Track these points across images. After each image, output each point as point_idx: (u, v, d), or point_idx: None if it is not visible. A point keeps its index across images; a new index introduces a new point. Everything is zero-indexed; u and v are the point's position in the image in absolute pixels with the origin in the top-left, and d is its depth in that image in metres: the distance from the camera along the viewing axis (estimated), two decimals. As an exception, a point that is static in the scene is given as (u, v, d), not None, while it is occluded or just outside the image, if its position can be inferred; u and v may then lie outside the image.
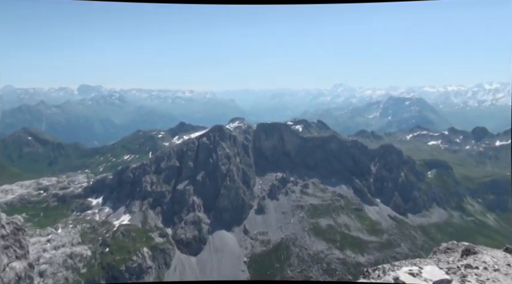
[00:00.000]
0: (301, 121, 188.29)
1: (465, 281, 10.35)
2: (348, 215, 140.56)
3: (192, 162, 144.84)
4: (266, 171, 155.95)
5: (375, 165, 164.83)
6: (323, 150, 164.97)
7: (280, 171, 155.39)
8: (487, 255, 16.03)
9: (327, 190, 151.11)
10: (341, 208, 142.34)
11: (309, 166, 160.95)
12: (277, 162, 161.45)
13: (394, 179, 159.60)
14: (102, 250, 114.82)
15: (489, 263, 13.80)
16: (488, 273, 12.28)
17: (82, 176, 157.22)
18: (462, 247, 18.47)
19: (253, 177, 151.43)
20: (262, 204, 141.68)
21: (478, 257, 15.40)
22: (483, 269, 12.73)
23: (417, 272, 8.97)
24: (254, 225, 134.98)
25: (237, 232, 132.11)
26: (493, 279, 11.26)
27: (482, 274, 11.88)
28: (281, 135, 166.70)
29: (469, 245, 18.41)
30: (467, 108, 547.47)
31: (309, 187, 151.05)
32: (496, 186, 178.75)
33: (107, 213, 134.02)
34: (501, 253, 17.52)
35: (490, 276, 11.75)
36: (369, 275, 15.89)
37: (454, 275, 11.11)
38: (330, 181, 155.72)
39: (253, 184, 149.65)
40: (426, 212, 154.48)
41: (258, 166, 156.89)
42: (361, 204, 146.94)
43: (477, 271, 12.31)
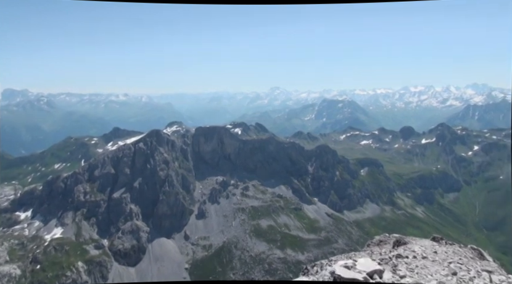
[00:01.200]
0: (240, 124, 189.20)
1: (396, 270, 10.77)
2: (288, 214, 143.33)
3: (129, 169, 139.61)
4: (206, 175, 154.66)
5: (312, 165, 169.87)
6: (262, 152, 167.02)
7: (220, 174, 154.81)
8: (416, 244, 16.96)
9: (267, 191, 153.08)
10: (281, 209, 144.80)
11: (249, 168, 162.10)
12: (217, 165, 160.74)
13: (330, 178, 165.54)
14: (33, 267, 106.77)
15: (418, 252, 14.56)
16: (417, 261, 12.92)
17: (8, 189, 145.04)
18: (393, 239, 19.41)
19: (193, 182, 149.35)
20: (203, 208, 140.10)
21: (408, 247, 16.23)
22: (413, 258, 13.39)
23: (352, 265, 9.14)
24: (195, 230, 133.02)
25: (177, 239, 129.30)
26: (422, 267, 11.85)
27: (412, 262, 12.46)
28: (220, 138, 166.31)
29: (400, 236, 19.39)
30: (395, 109, 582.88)
31: (250, 189, 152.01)
32: (423, 180, 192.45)
33: (37, 227, 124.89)
34: (428, 242, 18.64)
35: (419, 263, 12.35)
36: (308, 272, 16.10)
37: (386, 265, 11.52)
38: (270, 183, 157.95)
39: (193, 188, 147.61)
40: (360, 208, 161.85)
41: (197, 170, 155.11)
42: (299, 203, 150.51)
43: (407, 260, 12.90)
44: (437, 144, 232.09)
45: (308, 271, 16.03)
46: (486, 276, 11.90)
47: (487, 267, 14.39)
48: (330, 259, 17.10)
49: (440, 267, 12.28)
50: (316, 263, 17.12)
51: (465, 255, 16.51)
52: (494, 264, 17.46)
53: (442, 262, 13.12)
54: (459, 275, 11.31)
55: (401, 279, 9.53)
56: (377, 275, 9.05)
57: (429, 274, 10.92)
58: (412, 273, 10.83)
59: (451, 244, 18.70)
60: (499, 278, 11.94)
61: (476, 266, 13.98)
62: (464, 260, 14.53)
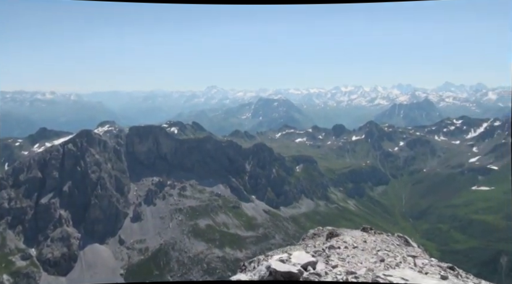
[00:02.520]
0: (176, 123, 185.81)
1: (329, 260, 11.07)
2: (226, 213, 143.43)
3: (57, 172, 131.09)
4: (141, 176, 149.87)
5: (250, 163, 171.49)
6: (199, 151, 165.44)
7: (156, 175, 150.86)
8: (348, 235, 17.65)
9: (205, 191, 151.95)
10: (219, 208, 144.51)
11: (186, 168, 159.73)
12: (152, 165, 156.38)
13: (267, 175, 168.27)
14: None
15: (349, 242, 15.15)
16: (348, 250, 13.42)
17: None
18: (326, 231, 20.05)
19: (127, 183, 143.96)
20: (138, 210, 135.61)
21: (340, 238, 16.83)
22: (344, 248, 13.89)
23: (287, 258, 9.22)
24: (130, 233, 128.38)
25: (111, 243, 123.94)
26: (352, 256, 12.32)
27: (343, 252, 12.91)
28: (156, 138, 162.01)
29: (333, 229, 20.09)
30: (328, 108, 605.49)
31: (187, 189, 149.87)
32: (354, 175, 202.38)
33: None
34: (359, 232, 19.51)
35: (350, 253, 12.84)
36: (245, 268, 16.11)
37: (319, 257, 11.82)
38: (208, 182, 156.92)
39: (128, 190, 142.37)
40: (296, 204, 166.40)
41: (132, 171, 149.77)
42: (238, 201, 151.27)
43: (339, 250, 13.36)
44: (366, 141, 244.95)
45: (246, 268, 16.05)
46: (411, 260, 12.68)
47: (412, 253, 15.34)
48: (267, 254, 17.25)
49: (369, 255, 12.87)
50: (253, 259, 17.19)
51: (392, 243, 17.49)
52: (418, 250, 18.68)
53: (371, 251, 13.77)
54: (387, 261, 11.90)
55: (334, 268, 9.79)
56: (310, 266, 9.20)
57: (359, 262, 11.36)
58: (344, 262, 11.20)
59: (379, 233, 19.72)
60: (423, 262, 12.82)
61: (402, 252, 14.85)
62: (391, 248, 15.38)
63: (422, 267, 12.04)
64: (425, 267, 12.13)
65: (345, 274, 9.16)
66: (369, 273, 9.44)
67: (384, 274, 8.81)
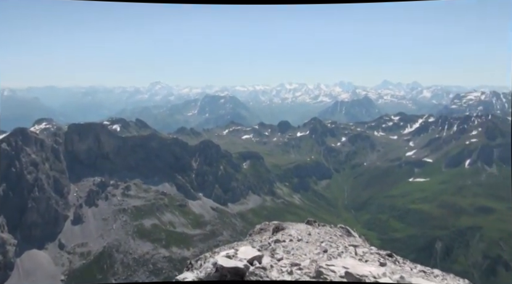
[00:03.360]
0: (119, 120, 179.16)
1: (274, 253, 11.25)
2: (173, 212, 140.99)
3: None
4: (82, 176, 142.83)
5: (196, 161, 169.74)
6: (144, 149, 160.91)
7: (98, 175, 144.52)
8: (293, 229, 18.05)
9: (150, 190, 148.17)
10: (165, 206, 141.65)
11: (130, 167, 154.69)
12: (94, 165, 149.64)
13: (214, 172, 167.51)
14: None
15: (294, 235, 15.52)
16: (293, 243, 13.74)
17: None
18: (272, 226, 20.39)
19: (67, 184, 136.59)
20: (79, 212, 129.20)
21: (286, 232, 17.19)
22: (290, 241, 14.21)
23: (233, 254, 9.23)
24: (71, 237, 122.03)
25: (51, 249, 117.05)
26: (297, 248, 12.63)
27: (288, 245, 13.19)
28: (97, 136, 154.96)
29: (278, 223, 20.45)
30: (273, 105, 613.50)
31: (132, 188, 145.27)
32: (299, 170, 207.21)
33: None
34: (303, 226, 20.02)
35: (295, 245, 13.15)
36: (192, 266, 15.97)
37: (265, 251, 11.98)
38: (153, 181, 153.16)
39: (68, 192, 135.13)
40: (244, 200, 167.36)
41: (72, 171, 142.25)
42: (184, 199, 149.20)
43: (284, 243, 13.63)
44: (310, 137, 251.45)
45: (192, 266, 15.92)
46: (352, 250, 13.25)
47: (353, 242, 16.03)
48: (214, 251, 17.23)
49: (313, 246, 13.27)
50: (200, 257, 17.10)
51: (335, 234, 18.14)
52: (359, 239, 19.55)
53: (315, 242, 14.20)
54: (330, 251, 12.35)
55: (279, 261, 9.96)
56: (256, 260, 9.28)
57: (303, 254, 11.67)
58: (289, 254, 11.44)
59: (323, 225, 20.38)
60: (363, 250, 13.45)
61: (344, 242, 15.47)
62: (334, 238, 15.96)
63: (362, 255, 12.60)
64: (365, 255, 12.70)
65: (289, 266, 9.35)
66: (312, 264, 9.71)
67: (327, 264, 9.10)
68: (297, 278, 8.37)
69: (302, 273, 8.86)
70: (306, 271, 8.99)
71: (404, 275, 7.83)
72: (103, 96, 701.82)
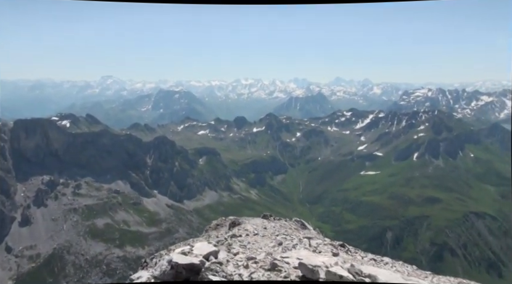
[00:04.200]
0: (69, 116, 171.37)
1: (230, 248, 11.30)
2: (127, 210, 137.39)
3: None
4: (30, 175, 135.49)
5: (151, 157, 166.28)
6: (95, 146, 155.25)
7: (47, 173, 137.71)
8: (249, 224, 18.18)
9: (103, 188, 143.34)
10: (118, 205, 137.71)
11: (80, 164, 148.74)
12: (42, 163, 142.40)
13: (169, 169, 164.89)
14: None
15: (250, 230, 15.64)
16: (249, 237, 13.86)
17: None
18: (229, 221, 20.44)
19: (13, 184, 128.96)
20: (27, 213, 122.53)
21: (242, 227, 17.28)
22: (246, 235, 14.31)
23: (189, 250, 9.17)
24: (18, 239, 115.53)
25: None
26: (253, 242, 12.76)
27: (245, 240, 13.29)
28: (45, 132, 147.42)
29: (235, 218, 20.53)
30: (229, 100, 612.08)
31: (83, 187, 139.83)
32: (256, 165, 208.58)
33: None
34: (260, 220, 20.23)
35: (251, 240, 13.27)
36: (147, 265, 15.69)
37: (222, 246, 11.99)
38: (105, 178, 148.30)
39: (14, 192, 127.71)
40: (200, 196, 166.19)
41: (18, 170, 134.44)
42: (139, 197, 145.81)
43: (241, 238, 13.72)
44: (266, 132, 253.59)
45: (147, 264, 15.64)
46: (306, 242, 13.58)
47: (307, 235, 16.42)
48: (169, 249, 17.02)
49: (269, 240, 13.47)
50: (155, 255, 16.82)
51: (290, 227, 18.50)
52: (314, 232, 20.05)
53: (271, 236, 14.42)
54: (284, 244, 12.59)
55: (235, 256, 10.01)
56: (212, 256, 9.27)
57: (259, 248, 11.81)
58: (245, 249, 11.53)
59: (278, 219, 20.71)
60: (317, 242, 13.84)
61: (299, 235, 15.81)
62: (289, 232, 16.27)
63: (316, 247, 12.95)
64: (319, 247, 13.07)
65: (245, 260, 9.42)
66: (268, 256, 9.85)
67: (281, 256, 9.27)
68: (252, 272, 8.45)
69: (258, 266, 8.95)
70: (262, 264, 9.10)
71: (355, 264, 8.13)
72: (51, 90, 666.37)
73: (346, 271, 7.34)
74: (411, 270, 13.44)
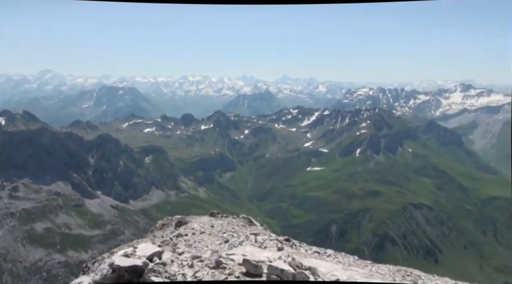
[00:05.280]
0: (4, 113, 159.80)
1: (176, 248, 11.20)
2: (68, 213, 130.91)
3: None
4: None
5: (94, 157, 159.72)
6: (33, 145, 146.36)
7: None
8: (196, 222, 18.07)
9: (42, 190, 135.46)
10: (59, 208, 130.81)
11: (17, 165, 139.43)
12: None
13: (113, 168, 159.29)
14: None
15: (197, 229, 15.55)
16: (196, 236, 13.78)
17: None
18: (175, 220, 20.17)
19: None
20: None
21: (189, 226, 17.13)
22: (192, 234, 14.21)
23: (132, 252, 8.96)
24: None
25: None
26: (199, 241, 12.72)
27: (191, 239, 13.20)
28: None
29: (181, 217, 20.29)
30: (176, 97, 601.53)
31: (20, 189, 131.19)
32: (204, 163, 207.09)
33: None
34: (207, 218, 20.16)
35: (197, 238, 13.20)
36: (88, 269, 15.10)
37: (167, 246, 11.84)
38: (45, 180, 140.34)
39: None
40: (146, 196, 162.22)
41: None
42: (81, 199, 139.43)
43: (187, 237, 13.61)
44: (214, 130, 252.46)
45: (89, 269, 15.05)
46: (253, 238, 13.77)
47: (254, 231, 16.63)
48: (111, 251, 16.47)
49: (216, 238, 13.49)
50: (97, 258, 16.21)
51: (237, 224, 18.60)
52: (260, 228, 20.29)
53: (217, 234, 14.44)
54: (231, 241, 12.68)
55: (180, 255, 9.93)
56: (156, 256, 9.14)
57: (205, 246, 11.79)
58: (191, 248, 11.47)
59: (226, 216, 20.75)
60: (263, 238, 14.09)
61: (246, 232, 15.96)
62: (236, 229, 16.38)
63: (262, 242, 13.18)
64: (265, 242, 13.31)
65: (190, 259, 9.38)
66: (213, 254, 9.88)
67: (227, 253, 9.33)
68: (197, 270, 8.44)
69: (203, 264, 8.95)
70: (207, 262, 9.11)
71: (296, 257, 8.38)
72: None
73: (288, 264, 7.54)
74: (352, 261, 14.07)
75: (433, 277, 13.39)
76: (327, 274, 7.86)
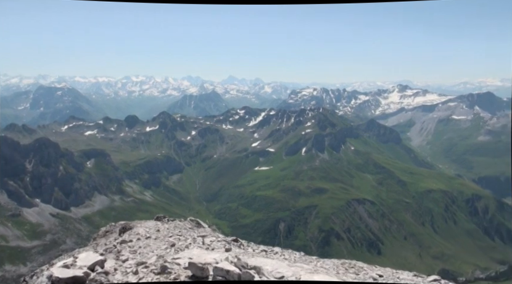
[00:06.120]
0: None
1: (120, 255, 10.86)
2: (4, 223, 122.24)
3: None
4: None
5: (31, 162, 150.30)
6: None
7: None
8: (141, 227, 17.61)
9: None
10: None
11: None
12: None
13: (53, 174, 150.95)
14: None
15: (142, 234, 15.18)
16: (141, 242, 13.44)
17: None
18: (119, 226, 19.52)
19: None
20: None
21: (134, 231, 16.66)
22: (137, 240, 13.85)
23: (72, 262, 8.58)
24: None
25: None
26: (144, 246, 12.42)
27: (135, 245, 12.86)
28: None
29: (126, 223, 19.69)
30: (119, 98, 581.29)
31: None
32: (150, 166, 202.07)
33: None
34: (153, 222, 19.73)
35: (142, 244, 12.89)
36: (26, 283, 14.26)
37: (110, 254, 11.45)
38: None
39: None
40: (89, 202, 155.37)
41: None
42: (18, 208, 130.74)
43: (131, 243, 13.24)
44: (160, 131, 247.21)
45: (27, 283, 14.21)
46: (200, 240, 13.69)
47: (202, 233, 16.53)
48: (51, 263, 15.66)
49: (162, 242, 13.24)
50: (35, 271, 15.35)
51: (184, 227, 18.39)
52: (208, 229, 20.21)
53: (164, 238, 14.18)
54: (177, 245, 12.51)
55: (124, 263, 9.65)
56: (98, 266, 8.83)
57: (150, 251, 11.54)
58: (135, 254, 11.18)
59: (173, 220, 20.43)
60: (211, 240, 14.06)
61: (193, 234, 15.83)
62: (183, 232, 16.19)
63: (209, 244, 13.15)
64: (212, 244, 13.30)
65: (135, 266, 9.16)
66: (159, 259, 9.70)
67: (173, 258, 9.21)
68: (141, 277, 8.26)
69: (148, 270, 8.77)
70: (153, 268, 8.94)
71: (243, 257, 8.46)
72: None
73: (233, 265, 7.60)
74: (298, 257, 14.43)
75: (375, 268, 14.08)
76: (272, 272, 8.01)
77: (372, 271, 13.10)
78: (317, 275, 9.64)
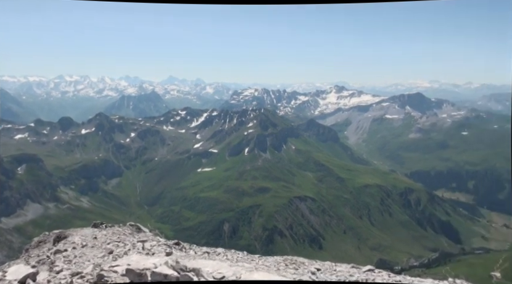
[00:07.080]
0: None
1: (53, 266, 10.41)
2: None
3: None
4: None
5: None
6: None
7: None
8: (77, 235, 16.90)
9: None
10: None
11: None
12: None
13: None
14: None
15: (78, 242, 14.59)
16: (77, 251, 12.94)
17: None
18: (53, 236, 18.58)
19: None
20: None
21: (69, 240, 15.96)
22: (72, 249, 13.31)
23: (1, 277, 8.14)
24: None
25: None
26: (80, 255, 11.99)
27: (70, 254, 12.37)
28: None
29: (60, 232, 18.77)
30: (51, 99, 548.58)
31: None
32: (86, 170, 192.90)
33: None
34: (89, 230, 18.99)
35: (78, 253, 12.42)
36: None
37: (43, 265, 10.95)
38: None
39: None
40: (21, 211, 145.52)
41: None
42: None
43: (66, 253, 12.70)
44: (96, 134, 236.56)
45: None
46: (140, 246, 13.44)
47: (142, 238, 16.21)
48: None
49: (99, 250, 12.83)
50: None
51: (124, 233, 17.89)
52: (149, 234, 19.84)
53: (101, 245, 13.74)
54: (116, 252, 12.19)
55: (58, 274, 9.28)
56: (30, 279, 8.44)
57: (86, 260, 11.18)
58: (70, 264, 10.78)
59: (111, 226, 19.79)
60: (151, 244, 13.86)
61: (133, 240, 15.48)
62: (122, 238, 15.77)
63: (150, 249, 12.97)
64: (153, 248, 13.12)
65: (70, 277, 8.85)
66: (96, 268, 9.44)
67: (111, 266, 9.02)
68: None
69: (84, 281, 8.53)
70: (89, 277, 8.70)
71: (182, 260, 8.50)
72: None
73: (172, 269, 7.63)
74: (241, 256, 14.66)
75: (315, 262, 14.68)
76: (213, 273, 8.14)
77: (311, 266, 13.66)
78: (258, 272, 9.93)
